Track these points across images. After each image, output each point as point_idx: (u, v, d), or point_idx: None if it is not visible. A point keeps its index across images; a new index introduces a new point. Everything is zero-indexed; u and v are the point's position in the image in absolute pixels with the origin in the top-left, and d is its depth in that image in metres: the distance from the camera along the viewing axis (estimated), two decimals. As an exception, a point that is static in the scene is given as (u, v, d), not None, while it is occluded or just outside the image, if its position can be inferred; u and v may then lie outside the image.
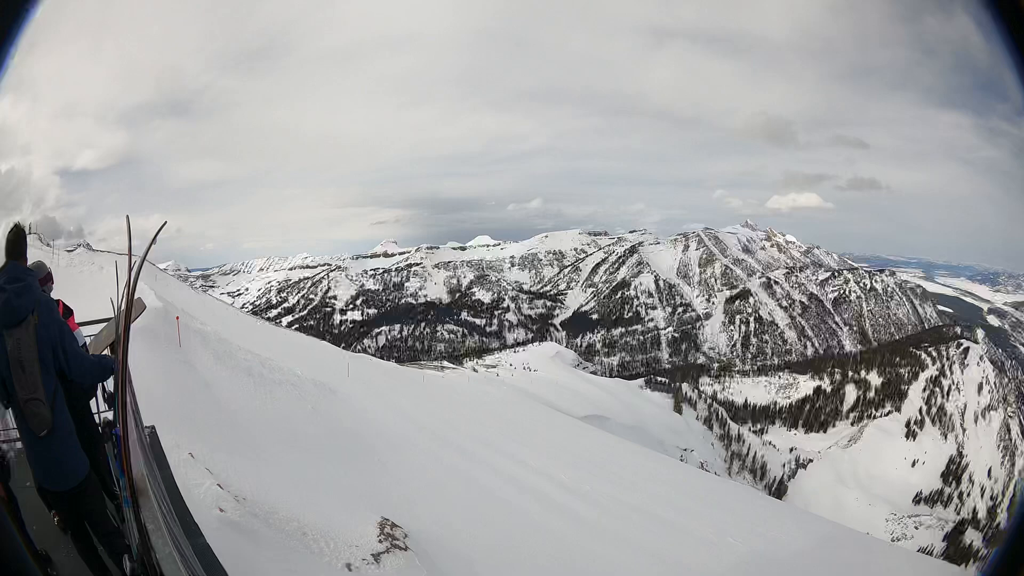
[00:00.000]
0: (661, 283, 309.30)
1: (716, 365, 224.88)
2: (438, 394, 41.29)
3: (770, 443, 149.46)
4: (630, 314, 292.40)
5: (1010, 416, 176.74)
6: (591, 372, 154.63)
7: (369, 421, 19.07)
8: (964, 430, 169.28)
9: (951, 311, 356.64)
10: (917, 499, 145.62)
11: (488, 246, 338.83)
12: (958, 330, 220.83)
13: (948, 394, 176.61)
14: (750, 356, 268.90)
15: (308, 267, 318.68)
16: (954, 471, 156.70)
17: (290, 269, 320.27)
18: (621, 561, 14.10)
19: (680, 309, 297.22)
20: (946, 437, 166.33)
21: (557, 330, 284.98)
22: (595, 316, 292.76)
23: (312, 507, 10.11)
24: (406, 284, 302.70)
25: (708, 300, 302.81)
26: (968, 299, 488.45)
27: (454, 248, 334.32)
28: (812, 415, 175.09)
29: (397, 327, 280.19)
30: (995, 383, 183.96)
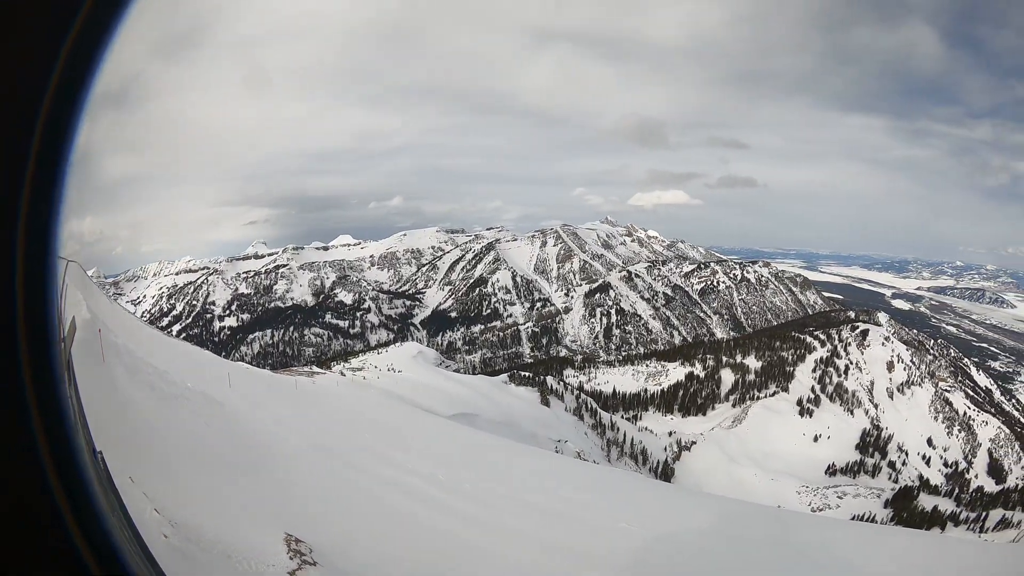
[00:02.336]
0: (519, 279, 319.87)
1: (579, 357, 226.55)
2: (312, 401, 40.77)
3: (647, 428, 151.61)
4: (488, 311, 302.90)
5: (946, 390, 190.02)
6: (454, 370, 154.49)
7: (254, 433, 18.85)
8: (876, 405, 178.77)
9: (841, 297, 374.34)
10: (831, 471, 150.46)
11: (349, 245, 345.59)
12: (851, 314, 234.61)
13: (846, 373, 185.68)
14: (614, 347, 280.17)
15: (191, 271, 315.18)
16: (873, 443, 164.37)
17: (176, 274, 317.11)
18: (518, 557, 14.13)
19: (539, 304, 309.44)
20: (852, 412, 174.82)
21: (417, 329, 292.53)
22: (454, 314, 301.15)
23: (227, 527, 10.04)
24: (275, 287, 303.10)
25: (567, 294, 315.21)
26: (864, 285, 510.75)
27: (318, 248, 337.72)
28: (688, 399, 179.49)
29: (269, 332, 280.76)
30: (912, 361, 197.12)
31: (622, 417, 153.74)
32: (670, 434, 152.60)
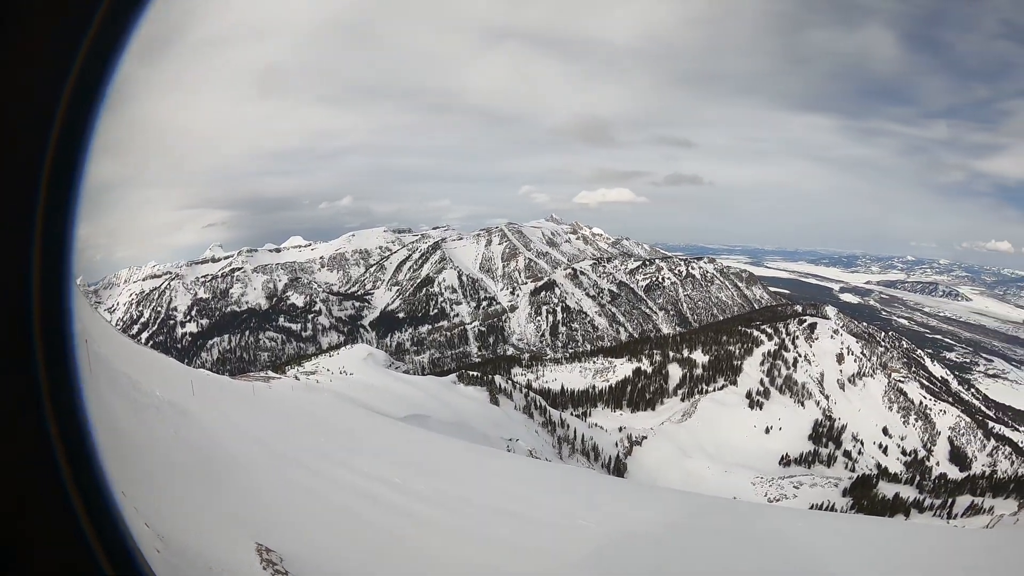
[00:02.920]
0: (464, 278, 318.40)
1: (527, 355, 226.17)
2: (270, 407, 40.54)
3: (596, 425, 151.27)
4: (435, 311, 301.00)
5: (900, 381, 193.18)
6: (403, 371, 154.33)
7: (219, 442, 18.84)
8: (827, 396, 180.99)
9: (787, 292, 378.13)
10: (784, 462, 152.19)
11: (300, 247, 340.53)
12: (798, 308, 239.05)
13: (795, 365, 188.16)
14: (560, 344, 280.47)
15: (155, 276, 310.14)
16: (826, 433, 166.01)
17: (144, 280, 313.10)
18: (479, 559, 14.30)
19: (485, 303, 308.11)
20: (803, 404, 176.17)
21: (367, 331, 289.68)
22: (402, 315, 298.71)
23: (204, 539, 10.14)
24: (231, 291, 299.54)
25: (513, 293, 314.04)
26: (811, 280, 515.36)
27: (271, 250, 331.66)
28: (637, 395, 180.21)
29: (226, 337, 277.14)
30: (863, 353, 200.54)
31: (571, 414, 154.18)
32: (620, 429, 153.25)
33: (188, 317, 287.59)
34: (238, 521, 11.85)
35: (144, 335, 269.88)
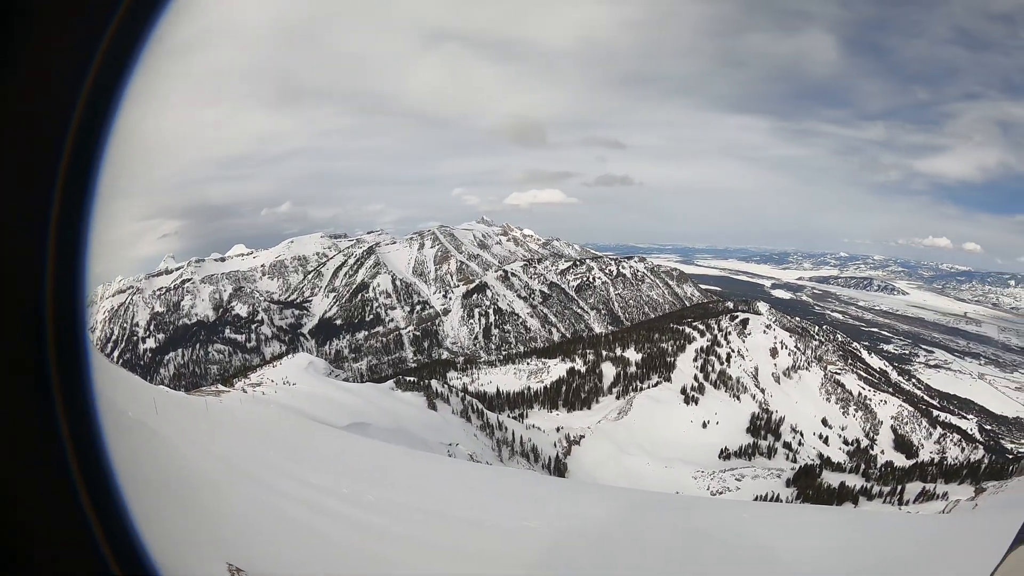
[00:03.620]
0: (398, 283, 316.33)
1: (461, 359, 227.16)
2: (223, 423, 40.22)
3: (534, 426, 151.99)
4: (371, 316, 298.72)
5: (837, 373, 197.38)
6: (343, 379, 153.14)
7: (183, 460, 18.82)
8: (763, 390, 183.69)
9: (719, 289, 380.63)
10: (724, 455, 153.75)
11: (243, 255, 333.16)
12: (730, 304, 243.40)
13: (728, 361, 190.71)
14: (494, 347, 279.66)
15: (121, 292, 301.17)
16: (764, 425, 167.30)
17: (113, 296, 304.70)
18: (429, 567, 14.41)
19: (419, 307, 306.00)
20: (739, 398, 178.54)
21: (307, 339, 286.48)
22: (339, 322, 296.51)
23: (182, 560, 10.21)
24: (182, 303, 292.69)
25: (446, 296, 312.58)
26: (742, 277, 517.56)
27: (216, 260, 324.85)
28: (572, 394, 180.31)
29: (180, 352, 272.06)
30: (797, 347, 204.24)
31: (509, 416, 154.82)
32: (558, 430, 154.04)
33: (148, 332, 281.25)
34: (207, 540, 11.89)
35: (116, 352, 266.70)
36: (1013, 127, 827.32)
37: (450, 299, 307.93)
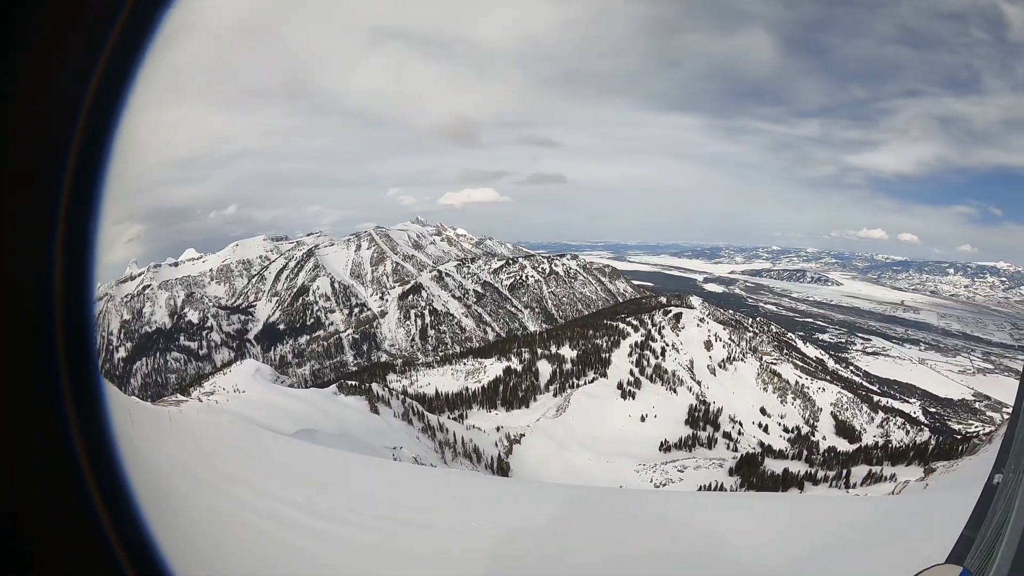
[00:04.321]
0: (337, 285, 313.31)
1: (400, 361, 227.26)
2: (184, 433, 39.93)
3: (474, 426, 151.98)
4: (312, 320, 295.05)
5: (772, 363, 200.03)
6: (289, 385, 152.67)
7: (159, 472, 18.58)
8: (699, 382, 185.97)
9: (651, 284, 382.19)
10: (664, 447, 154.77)
11: (193, 260, 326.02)
12: (663, 299, 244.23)
13: (663, 354, 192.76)
14: (430, 348, 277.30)
15: (99, 299, 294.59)
16: (702, 416, 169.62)
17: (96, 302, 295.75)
18: (382, 573, 14.33)
19: (357, 310, 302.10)
20: (676, 391, 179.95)
21: (253, 345, 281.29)
22: (282, 326, 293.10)
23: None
24: (144, 310, 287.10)
25: (382, 298, 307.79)
26: (674, 272, 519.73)
27: (171, 265, 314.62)
28: (510, 393, 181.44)
29: (144, 361, 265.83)
30: (731, 339, 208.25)
31: (449, 417, 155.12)
32: (498, 429, 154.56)
33: (119, 341, 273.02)
34: (185, 554, 11.73)
35: (98, 362, 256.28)
36: (953, 122, 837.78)
37: (387, 301, 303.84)
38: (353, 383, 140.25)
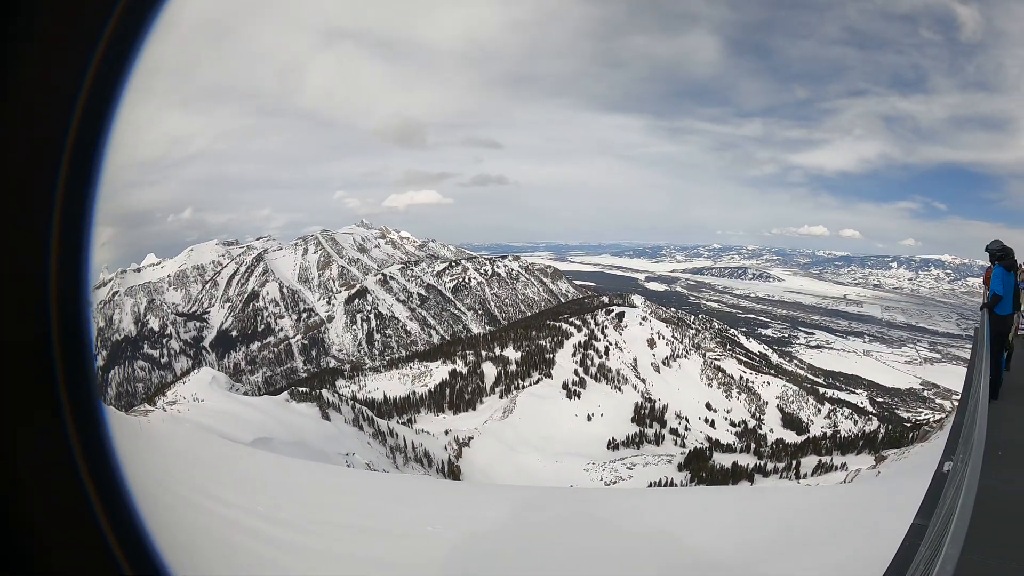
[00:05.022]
0: (285, 290, 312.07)
1: (348, 366, 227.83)
2: (153, 444, 39.64)
3: (424, 430, 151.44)
4: (263, 326, 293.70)
5: (716, 359, 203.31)
6: (243, 393, 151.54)
7: (136, 484, 18.45)
8: (644, 380, 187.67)
9: (593, 284, 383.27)
10: (612, 446, 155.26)
11: (154, 265, 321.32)
12: (605, 299, 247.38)
13: (607, 354, 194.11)
14: (377, 352, 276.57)
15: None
16: (648, 414, 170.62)
17: None
18: None
19: (305, 315, 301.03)
20: (621, 389, 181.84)
21: (208, 352, 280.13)
22: (235, 333, 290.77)
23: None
24: (113, 317, 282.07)
25: (329, 303, 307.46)
26: (616, 272, 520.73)
27: (134, 271, 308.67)
28: (456, 396, 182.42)
29: (116, 370, 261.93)
30: (674, 337, 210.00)
31: (398, 422, 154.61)
32: (446, 432, 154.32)
33: (97, 350, 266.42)
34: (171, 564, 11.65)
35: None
36: (899, 120, 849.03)
37: (333, 306, 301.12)
38: (304, 389, 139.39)
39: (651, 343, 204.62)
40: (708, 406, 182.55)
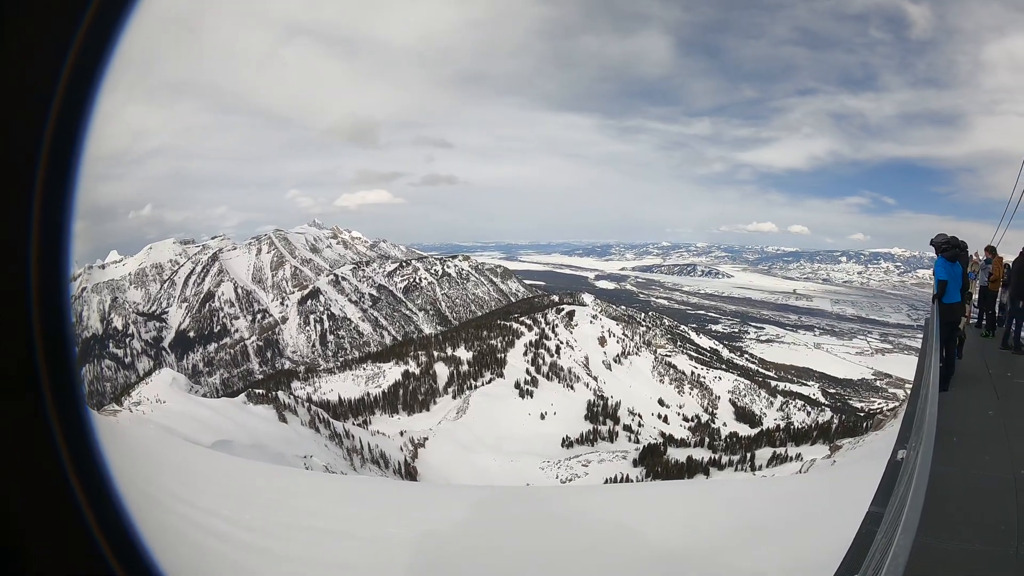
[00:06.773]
0: (240, 291, 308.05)
1: (302, 368, 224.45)
2: (122, 445, 39.22)
3: (379, 432, 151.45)
4: (219, 327, 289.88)
5: (667, 355, 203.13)
6: (202, 395, 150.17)
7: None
8: (596, 378, 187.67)
9: (543, 283, 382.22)
10: (567, 444, 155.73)
11: (116, 263, 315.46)
12: (555, 298, 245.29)
13: (558, 352, 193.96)
14: (331, 354, 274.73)
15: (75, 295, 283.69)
16: (601, 411, 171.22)
17: None
18: None
19: (259, 316, 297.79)
20: (573, 387, 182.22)
21: (168, 353, 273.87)
22: (192, 334, 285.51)
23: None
24: (83, 314, 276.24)
25: (283, 303, 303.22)
26: (566, 271, 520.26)
27: (99, 267, 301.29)
28: (410, 397, 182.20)
29: (86, 368, 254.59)
30: (625, 334, 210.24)
31: (354, 423, 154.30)
32: (402, 434, 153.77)
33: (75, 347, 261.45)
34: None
35: None
36: (848, 118, 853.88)
37: (287, 306, 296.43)
38: (261, 391, 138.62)
39: (602, 341, 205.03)
40: (661, 402, 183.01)
